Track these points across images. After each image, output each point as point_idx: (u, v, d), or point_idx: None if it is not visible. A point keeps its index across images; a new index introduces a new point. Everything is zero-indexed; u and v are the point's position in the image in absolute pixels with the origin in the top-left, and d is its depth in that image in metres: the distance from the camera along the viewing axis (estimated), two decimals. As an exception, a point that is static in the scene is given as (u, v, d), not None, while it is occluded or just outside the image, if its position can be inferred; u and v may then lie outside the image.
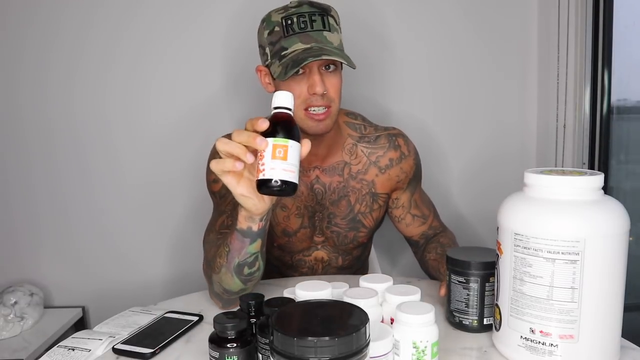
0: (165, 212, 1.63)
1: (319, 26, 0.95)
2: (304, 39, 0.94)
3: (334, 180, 1.10)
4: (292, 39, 0.94)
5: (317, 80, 0.94)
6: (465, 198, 1.70)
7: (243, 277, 0.89)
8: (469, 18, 1.62)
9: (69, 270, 1.65)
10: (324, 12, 0.97)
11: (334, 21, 0.98)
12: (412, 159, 1.14)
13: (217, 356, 0.67)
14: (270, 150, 0.67)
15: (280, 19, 0.95)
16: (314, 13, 0.95)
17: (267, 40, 0.98)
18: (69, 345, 0.84)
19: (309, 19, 0.94)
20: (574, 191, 0.70)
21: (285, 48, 0.94)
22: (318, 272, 1.19)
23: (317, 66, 0.95)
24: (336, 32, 0.98)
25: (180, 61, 1.58)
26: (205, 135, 1.58)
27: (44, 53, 1.55)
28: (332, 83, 0.97)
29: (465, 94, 1.66)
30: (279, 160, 0.67)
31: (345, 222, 1.13)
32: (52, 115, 1.58)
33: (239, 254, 0.86)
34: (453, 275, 0.84)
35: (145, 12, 1.55)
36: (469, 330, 0.84)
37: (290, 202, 1.10)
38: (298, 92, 0.95)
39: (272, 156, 0.67)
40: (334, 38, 0.97)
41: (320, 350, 0.53)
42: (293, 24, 0.94)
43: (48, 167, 1.60)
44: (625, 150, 1.62)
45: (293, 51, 0.94)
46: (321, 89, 0.94)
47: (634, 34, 1.55)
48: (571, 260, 0.67)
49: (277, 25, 0.95)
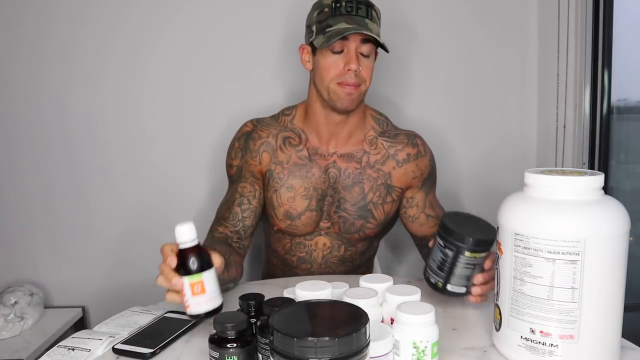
0: (165, 212, 1.63)
1: (363, 13, 1.05)
2: (349, 20, 1.04)
3: (350, 166, 1.15)
4: (337, 18, 1.04)
5: (354, 58, 1.04)
6: (465, 198, 1.70)
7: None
8: (468, 18, 1.62)
9: (69, 270, 1.65)
10: (369, 4, 1.08)
11: (376, 15, 1.09)
12: (427, 159, 1.19)
13: (217, 356, 0.67)
14: (189, 289, 0.72)
15: (331, 2, 1.06)
16: (361, 2, 1.06)
17: (315, 19, 1.08)
18: (69, 345, 0.84)
19: (355, 6, 1.05)
20: (574, 191, 0.70)
21: (330, 25, 1.04)
22: (317, 260, 1.19)
23: (355, 47, 1.05)
24: (376, 24, 1.08)
25: (172, 58, 1.57)
26: (203, 135, 1.59)
27: (36, 53, 1.55)
28: (365, 65, 1.07)
29: (464, 94, 1.66)
30: (199, 296, 0.72)
31: (355, 209, 1.15)
32: (50, 116, 1.58)
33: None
34: (437, 236, 0.88)
35: (137, 9, 1.54)
36: (434, 289, 0.89)
37: (298, 183, 1.14)
38: (335, 68, 1.06)
39: (192, 293, 0.72)
40: (374, 27, 1.07)
41: (320, 350, 0.53)
42: (341, 7, 1.05)
43: (48, 167, 1.60)
44: (625, 150, 1.62)
45: (337, 28, 1.03)
46: (356, 66, 1.04)
47: (634, 34, 1.55)
48: (571, 260, 0.67)
49: (326, 7, 1.06)
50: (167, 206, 1.63)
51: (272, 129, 1.17)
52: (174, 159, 1.61)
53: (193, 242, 0.74)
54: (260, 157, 1.15)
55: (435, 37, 1.62)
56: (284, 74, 1.58)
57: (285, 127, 1.17)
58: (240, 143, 1.17)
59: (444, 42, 1.63)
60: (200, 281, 0.72)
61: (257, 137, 1.16)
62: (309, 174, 1.14)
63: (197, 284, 0.72)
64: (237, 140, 1.18)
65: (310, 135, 1.16)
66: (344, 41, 1.04)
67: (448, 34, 1.62)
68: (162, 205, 1.63)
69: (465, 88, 1.65)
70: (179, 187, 1.62)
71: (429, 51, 1.63)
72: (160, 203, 1.63)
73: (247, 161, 1.15)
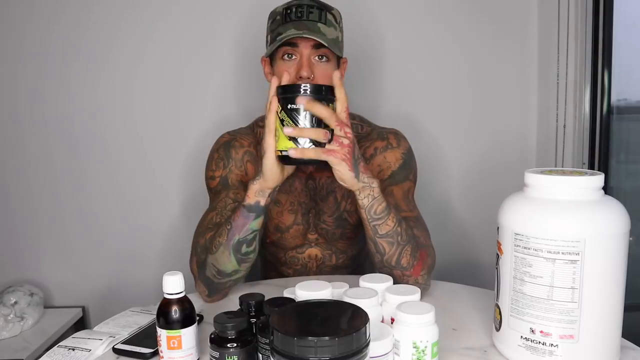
0: (165, 213, 1.63)
1: (315, 17, 1.01)
2: (298, 26, 1.00)
3: (323, 176, 1.11)
4: (287, 25, 1.01)
5: (305, 64, 1.00)
6: (465, 198, 1.70)
7: (239, 256, 0.93)
8: (468, 18, 1.62)
9: (69, 270, 1.65)
10: (323, 7, 1.03)
11: (332, 18, 1.04)
12: (399, 152, 1.11)
13: (217, 356, 0.68)
14: (165, 341, 0.72)
15: (282, 9, 1.03)
16: (313, 6, 1.02)
17: (269, 29, 1.05)
18: (69, 345, 0.84)
19: (306, 10, 1.01)
20: (574, 191, 0.70)
21: (280, 33, 1.01)
22: (313, 270, 1.18)
23: (307, 54, 1.01)
24: (333, 27, 1.03)
25: (173, 60, 1.58)
26: (202, 135, 1.59)
27: (39, 53, 1.55)
28: (321, 71, 1.02)
29: (465, 95, 1.66)
30: (175, 351, 0.72)
31: (332, 220, 1.13)
32: (51, 116, 1.58)
33: (241, 230, 0.90)
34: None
35: (140, 11, 1.55)
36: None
37: (284, 198, 1.11)
38: (287, 76, 0.99)
39: (168, 347, 0.72)
40: (329, 31, 1.02)
41: (320, 350, 0.53)
42: (291, 14, 1.01)
43: (48, 168, 1.60)
44: (625, 150, 1.62)
45: (286, 35, 0.99)
46: (307, 73, 0.99)
47: (634, 34, 1.55)
48: (571, 260, 0.67)
49: (278, 15, 1.03)
50: (168, 206, 1.63)
51: (251, 138, 1.12)
52: (179, 162, 1.62)
53: (179, 295, 0.73)
54: (245, 167, 1.10)
55: (435, 37, 1.62)
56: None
57: (261, 138, 1.09)
58: (221, 153, 1.10)
59: (444, 42, 1.63)
60: (178, 336, 0.72)
61: (239, 146, 1.11)
62: (292, 187, 1.11)
63: (175, 338, 0.72)
64: (215, 151, 1.12)
65: None
66: (295, 48, 1.00)
67: (448, 34, 1.62)
68: (164, 206, 1.63)
69: (465, 88, 1.65)
70: (182, 191, 1.62)
71: (429, 51, 1.63)
72: (163, 205, 1.63)
73: (232, 170, 1.09)
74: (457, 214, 1.70)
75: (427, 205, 1.13)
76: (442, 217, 1.68)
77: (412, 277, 0.94)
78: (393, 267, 0.93)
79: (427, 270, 0.97)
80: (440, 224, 1.16)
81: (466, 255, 1.70)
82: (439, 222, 1.16)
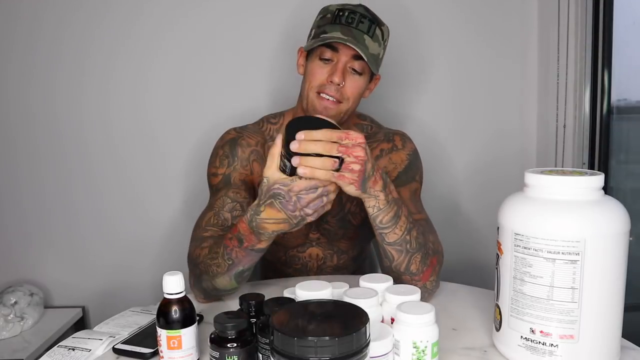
0: (166, 213, 1.63)
1: (364, 28, 0.99)
2: (345, 32, 0.98)
3: None
4: (335, 26, 0.99)
5: (339, 70, 0.99)
6: (466, 198, 1.70)
7: (240, 279, 0.93)
8: (469, 18, 1.62)
9: (69, 270, 1.65)
10: (375, 21, 1.02)
11: (380, 34, 1.02)
12: (404, 154, 1.11)
13: (217, 356, 0.68)
14: (165, 341, 0.72)
15: (335, 9, 1.01)
16: (365, 17, 1.00)
17: (317, 23, 1.04)
18: (69, 345, 0.84)
19: (358, 18, 1.00)
20: (574, 191, 0.70)
21: (325, 32, 1.00)
22: (313, 270, 1.18)
23: (345, 61, 1.00)
24: (378, 43, 1.02)
25: (179, 58, 1.58)
26: (203, 134, 1.59)
27: (52, 54, 1.55)
28: (352, 82, 1.01)
29: (465, 94, 1.66)
30: (175, 351, 0.73)
31: (335, 221, 1.13)
32: (62, 115, 1.58)
33: (245, 265, 0.90)
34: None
35: (152, 8, 1.55)
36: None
37: None
38: (319, 75, 1.01)
39: (168, 347, 0.73)
40: (373, 46, 1.00)
41: (320, 350, 0.53)
42: (342, 17, 1.00)
43: (49, 168, 1.60)
44: (625, 150, 1.62)
45: (331, 36, 0.98)
46: (339, 79, 0.99)
47: (634, 34, 1.55)
48: (571, 260, 0.67)
49: (329, 13, 1.02)
50: (170, 208, 1.63)
51: (258, 137, 1.11)
52: (181, 163, 1.61)
53: (179, 295, 0.73)
54: (252, 166, 1.08)
55: (435, 38, 1.62)
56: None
57: (270, 137, 1.11)
58: (226, 150, 1.09)
59: (444, 42, 1.63)
60: (178, 336, 0.72)
61: (246, 145, 1.09)
62: None
63: (175, 338, 0.72)
64: (220, 148, 1.10)
65: None
66: (335, 52, 0.99)
67: (448, 34, 1.62)
68: (164, 207, 1.63)
69: (465, 88, 1.65)
70: (183, 191, 1.62)
71: (429, 51, 1.63)
72: (164, 205, 1.63)
73: (237, 169, 1.07)
74: (457, 213, 1.70)
75: (427, 206, 1.13)
76: (443, 217, 1.68)
77: (420, 282, 0.93)
78: (402, 273, 0.92)
79: (437, 275, 0.97)
80: (441, 224, 1.15)
81: (467, 255, 1.70)
82: (440, 222, 1.16)
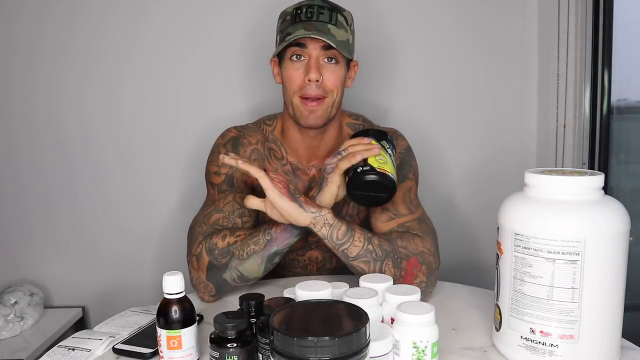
0: (167, 213, 1.63)
1: (325, 18, 0.99)
2: (308, 27, 0.98)
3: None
4: (297, 25, 0.99)
5: (313, 66, 0.98)
6: (465, 198, 1.70)
7: (269, 266, 0.95)
8: (469, 17, 1.62)
9: (69, 270, 1.65)
10: (334, 8, 1.02)
11: (343, 19, 1.02)
12: (397, 152, 1.09)
13: (217, 356, 0.68)
14: (165, 341, 0.72)
15: (292, 10, 1.02)
16: (324, 7, 1.00)
17: (279, 29, 1.04)
18: (69, 345, 0.84)
19: (316, 11, 1.00)
20: (574, 191, 0.70)
21: (289, 33, 0.99)
22: (312, 273, 1.18)
23: (316, 55, 0.99)
24: (344, 29, 1.01)
25: (179, 58, 1.58)
26: (200, 134, 1.58)
27: (57, 51, 1.54)
28: (330, 74, 1.01)
29: (465, 94, 1.66)
30: (175, 351, 0.73)
31: None
32: (62, 115, 1.57)
33: (281, 243, 0.92)
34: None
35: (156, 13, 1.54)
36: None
37: None
38: (296, 78, 1.00)
39: (168, 347, 0.73)
40: (339, 33, 1.00)
41: (320, 350, 0.53)
42: (301, 14, 1.00)
43: (47, 168, 1.60)
44: (625, 150, 1.62)
45: (295, 35, 0.98)
46: (316, 75, 0.98)
47: (634, 34, 1.55)
48: (571, 260, 0.67)
49: (288, 15, 1.02)
50: (167, 206, 1.63)
51: (259, 136, 1.11)
52: (182, 163, 1.61)
53: (179, 295, 0.73)
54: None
55: (434, 38, 1.62)
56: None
57: (267, 138, 1.12)
58: (228, 148, 1.08)
59: (444, 41, 1.63)
60: (178, 336, 0.72)
61: (247, 143, 1.09)
62: (295, 192, 1.10)
63: (175, 338, 0.72)
64: (222, 146, 1.09)
65: (289, 149, 1.11)
66: (304, 49, 0.99)
67: (447, 35, 1.62)
68: (165, 206, 1.63)
69: (465, 88, 1.65)
70: (184, 192, 1.62)
71: (428, 51, 1.63)
72: (164, 205, 1.63)
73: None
74: (456, 213, 1.70)
75: (425, 206, 1.13)
76: (442, 217, 1.68)
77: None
78: None
79: (425, 276, 0.95)
80: (441, 224, 1.15)
81: (467, 255, 1.70)
82: (440, 222, 1.16)
